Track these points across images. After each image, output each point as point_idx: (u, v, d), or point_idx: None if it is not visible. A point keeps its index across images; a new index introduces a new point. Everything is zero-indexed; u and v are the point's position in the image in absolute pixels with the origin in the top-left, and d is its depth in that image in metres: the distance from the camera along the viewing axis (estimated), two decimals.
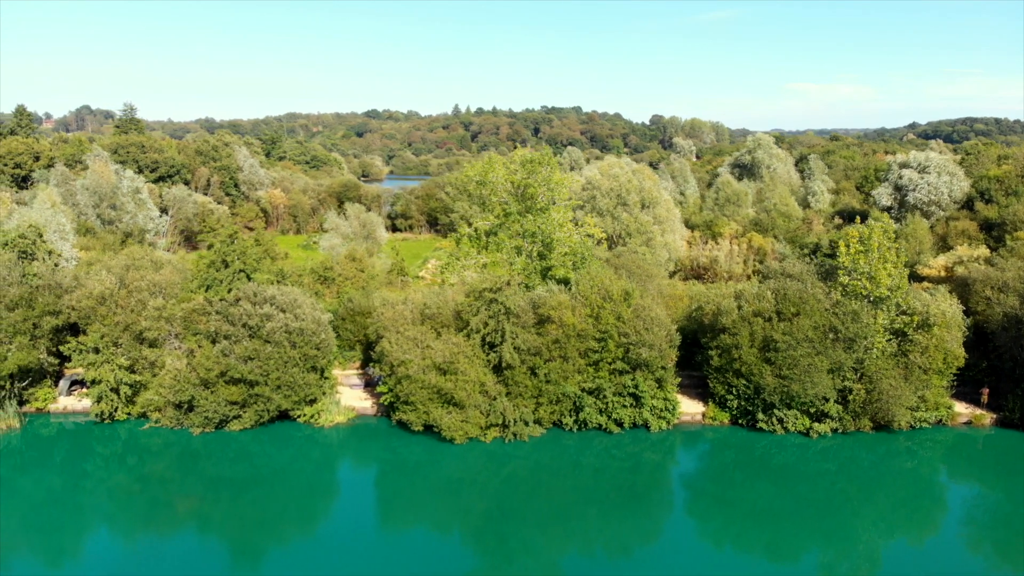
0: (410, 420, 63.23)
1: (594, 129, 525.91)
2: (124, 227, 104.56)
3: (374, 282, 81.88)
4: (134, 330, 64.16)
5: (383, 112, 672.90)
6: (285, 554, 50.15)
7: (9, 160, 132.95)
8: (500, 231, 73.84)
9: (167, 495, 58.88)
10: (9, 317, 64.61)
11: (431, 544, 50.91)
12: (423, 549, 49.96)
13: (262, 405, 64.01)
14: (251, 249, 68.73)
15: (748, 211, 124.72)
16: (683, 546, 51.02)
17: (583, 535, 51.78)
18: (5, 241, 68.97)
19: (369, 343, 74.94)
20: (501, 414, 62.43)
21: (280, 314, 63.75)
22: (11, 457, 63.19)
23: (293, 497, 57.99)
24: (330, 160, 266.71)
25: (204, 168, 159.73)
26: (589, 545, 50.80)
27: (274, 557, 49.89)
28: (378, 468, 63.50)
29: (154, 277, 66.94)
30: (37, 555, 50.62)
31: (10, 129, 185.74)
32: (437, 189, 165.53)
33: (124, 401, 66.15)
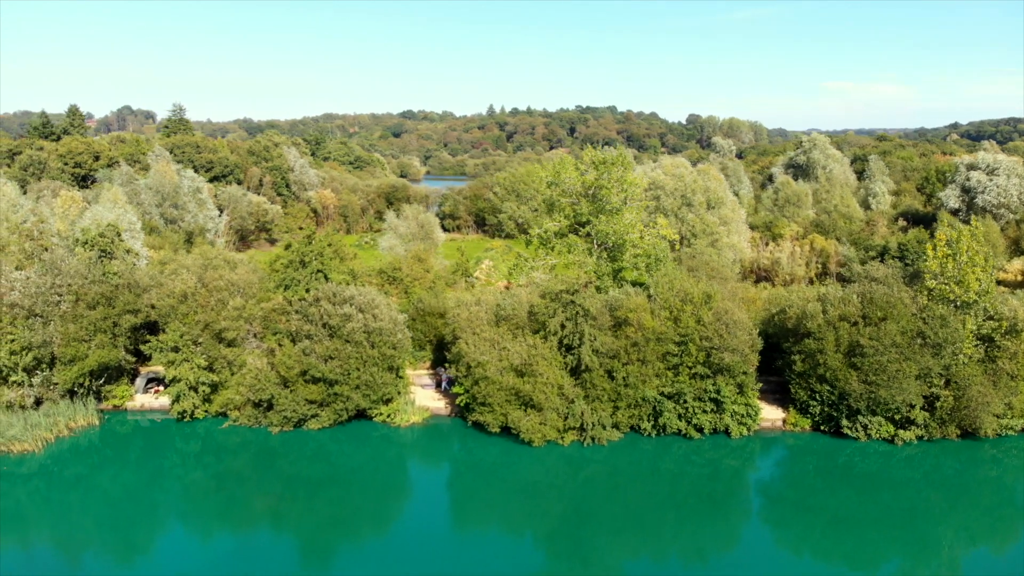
0: (487, 422, 62.86)
1: (630, 128, 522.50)
2: (186, 226, 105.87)
3: (440, 283, 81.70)
4: (214, 329, 64.60)
5: (418, 113, 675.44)
6: (359, 553, 50.26)
7: (70, 159, 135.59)
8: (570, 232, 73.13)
9: (244, 493, 59.25)
10: (90, 315, 65.45)
11: (504, 546, 50.71)
12: (496, 551, 49.76)
13: (341, 404, 64.12)
14: (328, 250, 68.82)
15: (808, 212, 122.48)
16: (760, 553, 50.16)
17: (659, 540, 51.24)
18: (85, 240, 69.90)
19: (439, 343, 74.83)
20: (579, 417, 61.72)
21: (359, 314, 63.81)
22: (90, 454, 64.07)
23: (369, 496, 58.03)
24: (373, 161, 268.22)
25: (256, 168, 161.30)
26: (664, 551, 50.18)
27: (347, 556, 49.99)
28: (454, 469, 63.27)
29: (232, 276, 67.36)
30: (111, 552, 51.28)
31: (63, 129, 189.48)
32: (485, 189, 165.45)
33: (202, 399, 66.69)
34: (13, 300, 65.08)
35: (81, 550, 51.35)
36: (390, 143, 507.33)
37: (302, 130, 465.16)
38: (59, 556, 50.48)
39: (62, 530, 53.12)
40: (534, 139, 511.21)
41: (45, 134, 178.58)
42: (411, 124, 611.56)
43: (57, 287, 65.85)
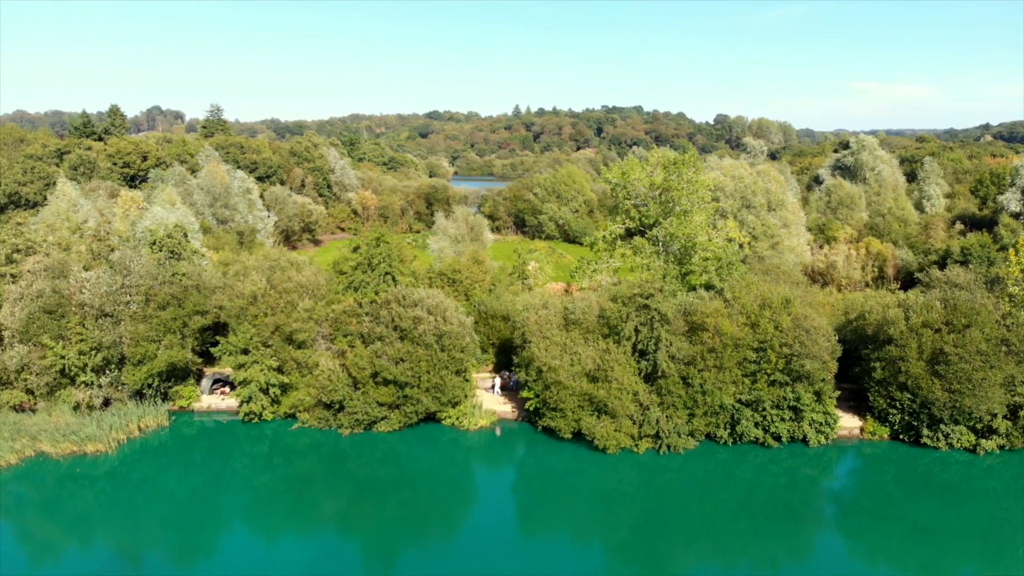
0: (559, 427, 62.03)
1: (659, 128, 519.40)
2: (236, 226, 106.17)
3: (501, 285, 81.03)
4: (285, 331, 64.37)
5: (444, 113, 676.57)
6: (425, 558, 49.67)
7: (119, 159, 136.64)
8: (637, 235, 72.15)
9: (311, 496, 58.91)
10: (160, 316, 65.53)
11: (573, 553, 49.94)
12: (565, 558, 49.01)
13: (411, 407, 63.66)
14: (395, 252, 68.39)
15: (862, 215, 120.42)
16: (835, 563, 48.91)
17: (731, 550, 50.19)
18: (153, 240, 69.99)
19: (502, 346, 74.15)
20: (655, 425, 60.68)
21: (429, 317, 63.28)
22: (157, 455, 64.08)
23: (437, 500, 57.46)
24: (406, 161, 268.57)
25: (298, 169, 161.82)
26: (736, 560, 49.07)
27: (414, 560, 49.45)
28: (522, 474, 62.50)
29: (300, 278, 67.13)
30: (174, 554, 51.11)
31: (104, 128, 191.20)
32: (525, 190, 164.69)
33: (270, 401, 66.50)
34: (83, 300, 65.31)
35: (144, 552, 51.29)
36: (417, 143, 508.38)
37: (330, 130, 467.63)
38: (121, 558, 50.48)
39: (127, 532, 53.12)
40: (561, 139, 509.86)
41: (86, 134, 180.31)
42: (437, 124, 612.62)
43: (127, 287, 65.98)
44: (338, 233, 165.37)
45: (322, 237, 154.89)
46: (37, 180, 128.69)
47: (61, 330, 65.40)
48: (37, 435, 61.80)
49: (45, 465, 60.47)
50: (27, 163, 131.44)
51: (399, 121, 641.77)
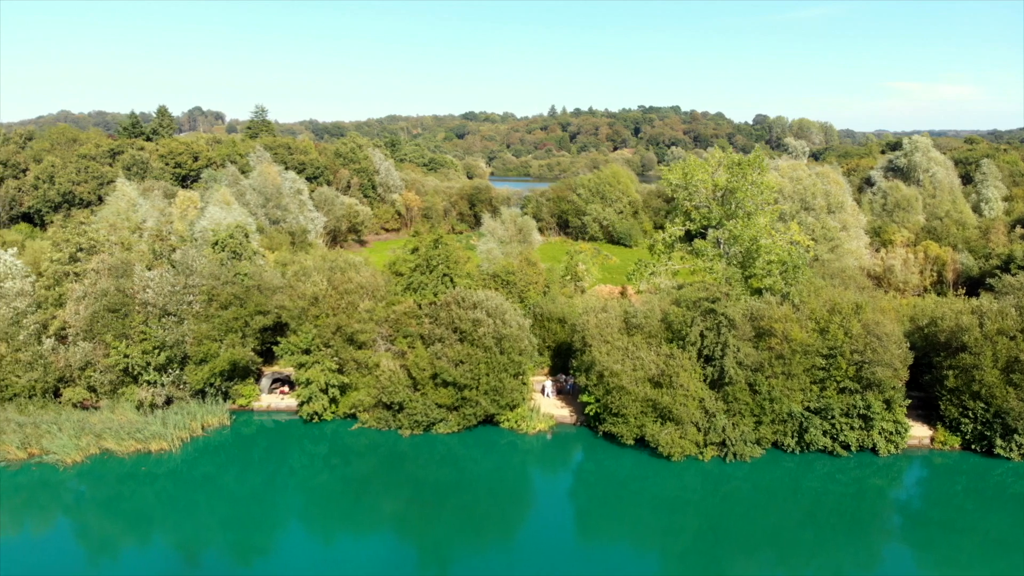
0: (620, 433, 61.14)
1: (697, 128, 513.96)
2: (288, 227, 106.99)
3: (555, 287, 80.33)
4: (346, 332, 64.42)
5: (479, 114, 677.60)
6: (482, 562, 49.26)
7: (170, 159, 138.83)
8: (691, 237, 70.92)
9: (369, 497, 58.84)
10: (223, 315, 66.01)
11: (633, 560, 49.18)
12: (624, 565, 48.25)
13: (470, 409, 63.34)
14: (454, 253, 68.12)
15: (918, 218, 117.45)
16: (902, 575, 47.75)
17: (796, 560, 49.04)
18: (215, 240, 70.57)
19: (558, 349, 73.46)
20: (721, 432, 59.49)
21: (488, 319, 62.86)
22: (217, 454, 64.52)
23: (495, 504, 57.00)
24: (446, 163, 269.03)
25: (344, 170, 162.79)
26: (800, 571, 47.85)
27: (471, 564, 49.07)
28: (582, 480, 61.70)
29: (360, 279, 67.16)
30: (231, 553, 51.38)
31: (152, 129, 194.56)
32: (569, 191, 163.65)
33: (330, 401, 66.62)
34: (146, 299, 66.07)
35: (202, 551, 51.60)
36: (454, 144, 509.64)
37: (367, 131, 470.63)
38: (179, 557, 50.82)
39: (186, 531, 53.50)
40: (598, 139, 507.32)
41: (135, 134, 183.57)
42: (473, 125, 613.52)
43: (190, 287, 66.60)
44: (382, 234, 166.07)
45: (367, 238, 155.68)
46: (91, 180, 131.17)
47: (124, 329, 66.28)
48: (102, 433, 62.60)
49: (109, 463, 61.25)
50: (81, 163, 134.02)
51: (435, 122, 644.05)
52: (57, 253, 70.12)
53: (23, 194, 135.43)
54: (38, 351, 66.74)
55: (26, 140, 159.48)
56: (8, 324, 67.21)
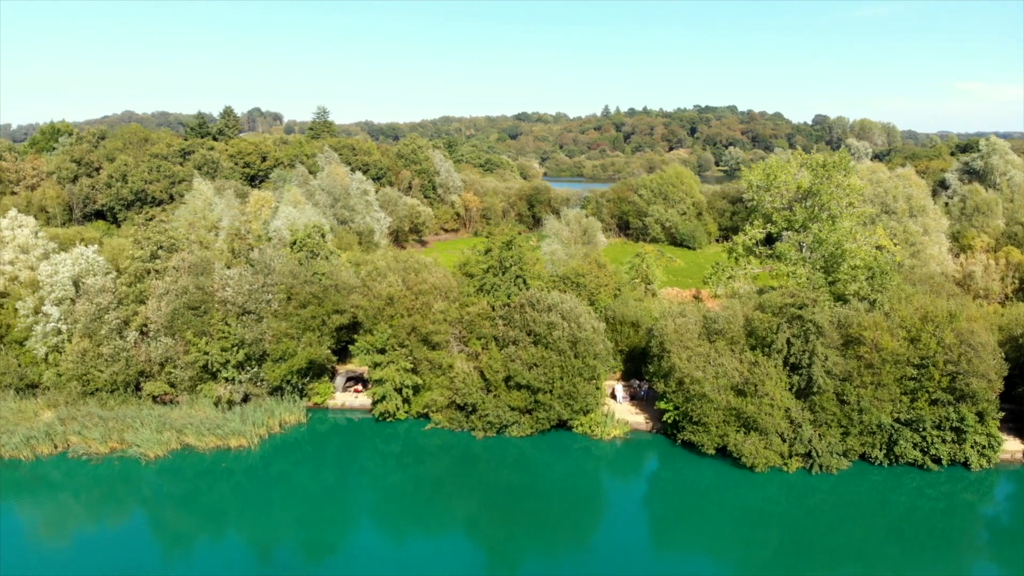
0: (701, 442, 59.64)
1: (755, 129, 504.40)
2: (356, 227, 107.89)
3: (626, 290, 79.03)
4: (420, 332, 64.32)
5: (532, 114, 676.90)
6: (553, 567, 48.51)
7: (239, 159, 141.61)
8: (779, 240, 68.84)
9: (441, 497, 58.55)
10: (301, 314, 66.53)
11: (709, 571, 48.12)
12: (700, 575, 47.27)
13: (543, 413, 62.59)
14: (527, 255, 67.46)
15: (998, 223, 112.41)
16: None
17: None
18: (294, 240, 71.24)
19: (631, 353, 72.19)
20: (807, 443, 57.53)
21: (563, 322, 62.01)
22: (293, 451, 65.02)
23: (567, 509, 56.09)
24: (503, 163, 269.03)
25: (406, 171, 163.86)
26: None
27: (541, 569, 48.37)
28: (659, 488, 60.37)
29: (434, 280, 67.01)
30: (302, 550, 51.61)
31: (218, 129, 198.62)
32: (630, 192, 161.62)
33: (403, 400, 66.62)
34: (226, 297, 66.96)
35: (274, 547, 51.98)
36: (507, 145, 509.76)
37: (421, 132, 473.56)
38: (252, 553, 51.33)
39: (259, 527, 54.04)
40: (653, 139, 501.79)
41: (202, 134, 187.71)
42: (525, 126, 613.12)
43: (268, 286, 67.31)
44: (441, 234, 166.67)
45: (427, 238, 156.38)
46: (163, 179, 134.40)
47: (204, 326, 67.32)
48: (182, 428, 63.68)
49: (190, 458, 62.24)
50: (153, 162, 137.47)
51: (488, 123, 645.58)
52: (138, 251, 71.63)
53: (96, 192, 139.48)
54: (120, 346, 68.24)
55: (99, 139, 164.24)
56: (91, 319, 68.84)
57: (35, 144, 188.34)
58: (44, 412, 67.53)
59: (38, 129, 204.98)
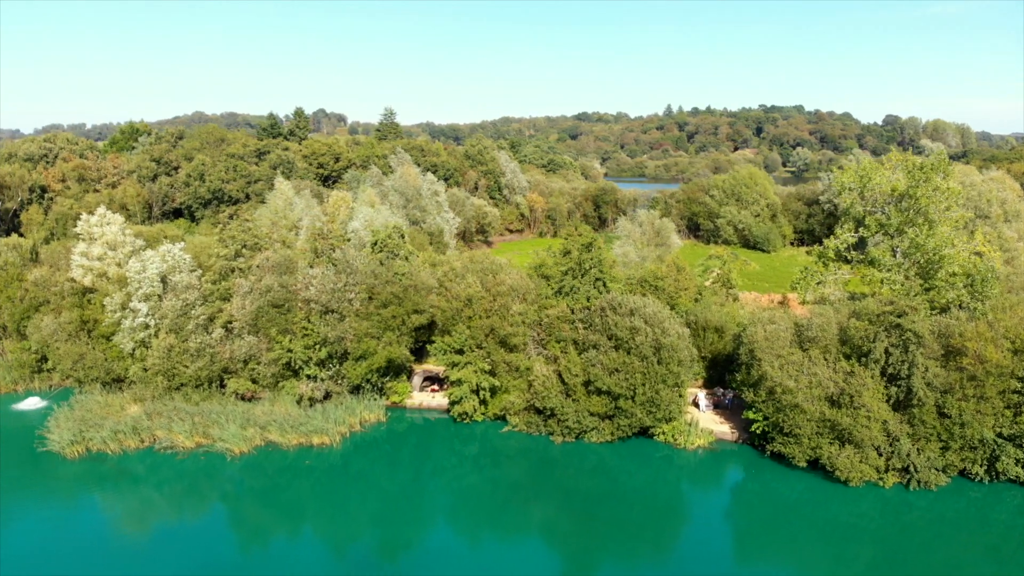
0: (792, 454, 57.54)
1: (824, 129, 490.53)
2: (427, 227, 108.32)
3: (708, 293, 77.04)
4: (499, 334, 63.82)
5: (592, 114, 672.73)
6: (629, 575, 47.23)
7: (313, 160, 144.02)
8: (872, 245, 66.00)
9: (518, 501, 57.83)
10: (382, 313, 66.73)
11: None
12: None
13: (625, 420, 61.31)
14: (607, 256, 66.24)
15: None
16: None
17: None
18: (375, 241, 71.58)
19: (714, 360, 70.31)
20: (905, 457, 54.94)
21: (647, 327, 60.61)
22: (371, 449, 65.26)
23: (648, 518, 54.72)
24: (566, 163, 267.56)
25: (472, 171, 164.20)
26: None
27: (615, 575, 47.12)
28: (743, 500, 58.41)
29: (511, 281, 66.41)
30: (377, 548, 51.63)
31: (289, 130, 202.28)
32: (701, 192, 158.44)
33: (480, 402, 66.22)
34: (309, 296, 67.62)
35: (349, 545, 52.16)
36: (567, 145, 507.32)
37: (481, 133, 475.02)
38: (326, 549, 51.50)
39: (336, 524, 54.35)
40: (717, 139, 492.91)
41: (274, 135, 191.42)
42: (586, 126, 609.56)
43: (351, 285, 67.73)
44: (506, 235, 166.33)
45: (492, 239, 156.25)
46: (239, 178, 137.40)
47: (287, 324, 68.15)
48: (266, 425, 64.53)
49: (273, 455, 63.04)
50: (229, 162, 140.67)
51: (548, 123, 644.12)
52: (223, 249, 72.92)
53: (175, 190, 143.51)
54: (205, 342, 69.59)
55: (177, 139, 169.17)
56: (178, 315, 70.39)
57: (115, 143, 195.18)
58: (130, 406, 69.38)
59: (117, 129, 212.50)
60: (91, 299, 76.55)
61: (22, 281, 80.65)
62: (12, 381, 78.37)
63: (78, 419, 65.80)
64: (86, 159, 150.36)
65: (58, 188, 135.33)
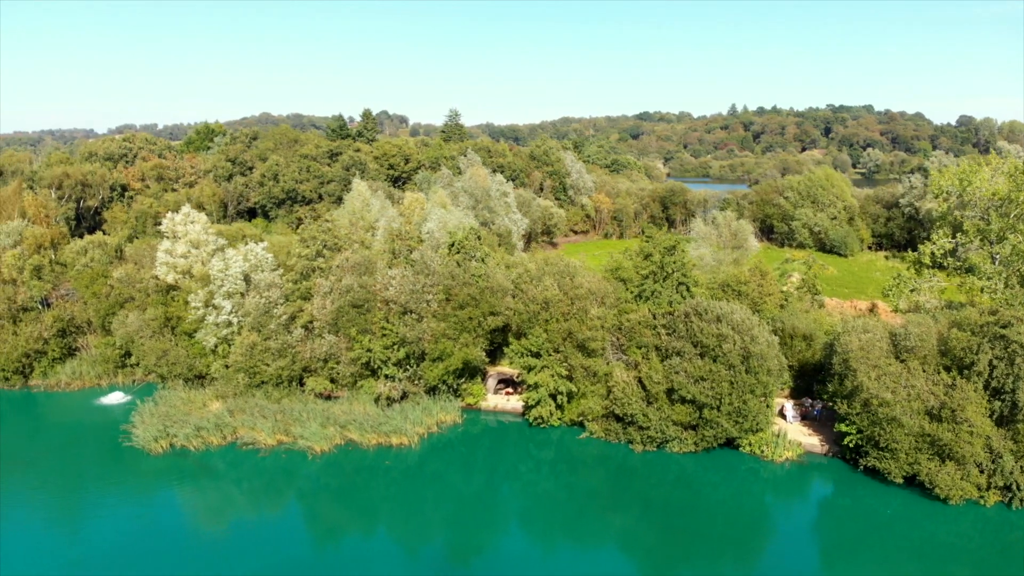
0: (887, 469, 55.03)
1: (895, 129, 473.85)
2: (496, 228, 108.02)
3: (794, 299, 74.53)
4: (577, 338, 62.83)
5: (654, 114, 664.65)
6: None
7: (384, 161, 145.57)
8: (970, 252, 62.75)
9: (595, 509, 56.67)
10: (459, 315, 66.50)
11: None
12: None
13: (710, 430, 59.55)
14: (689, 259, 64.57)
15: None
16: None
17: None
18: (452, 242, 71.46)
19: (801, 369, 67.90)
20: (1008, 475, 51.94)
21: (735, 334, 58.77)
22: (447, 451, 65.01)
23: (732, 532, 52.88)
24: (630, 163, 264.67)
25: (537, 172, 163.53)
26: None
27: None
28: (833, 516, 56.02)
29: (590, 284, 65.34)
30: (449, 551, 51.27)
31: (357, 131, 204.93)
32: (775, 194, 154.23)
33: (556, 407, 65.36)
34: (388, 296, 67.83)
35: (422, 546, 51.93)
36: (628, 145, 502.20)
37: (541, 134, 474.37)
38: (399, 550, 51.35)
39: (410, 525, 54.19)
40: (784, 139, 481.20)
41: (342, 136, 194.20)
42: (648, 125, 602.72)
43: (429, 286, 67.70)
44: (571, 236, 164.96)
45: (557, 240, 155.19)
46: (312, 179, 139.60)
47: (366, 324, 68.50)
48: (346, 424, 64.94)
49: (353, 454, 63.40)
50: (303, 162, 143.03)
51: (608, 123, 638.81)
52: (305, 249, 73.76)
53: (249, 190, 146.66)
54: (286, 341, 70.45)
55: (251, 140, 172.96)
56: (260, 314, 71.43)
57: (191, 143, 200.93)
58: (212, 403, 70.68)
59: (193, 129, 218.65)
60: (174, 296, 78.32)
61: (107, 278, 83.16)
62: (96, 375, 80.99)
63: (162, 415, 67.32)
64: (164, 159, 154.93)
65: (138, 187, 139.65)
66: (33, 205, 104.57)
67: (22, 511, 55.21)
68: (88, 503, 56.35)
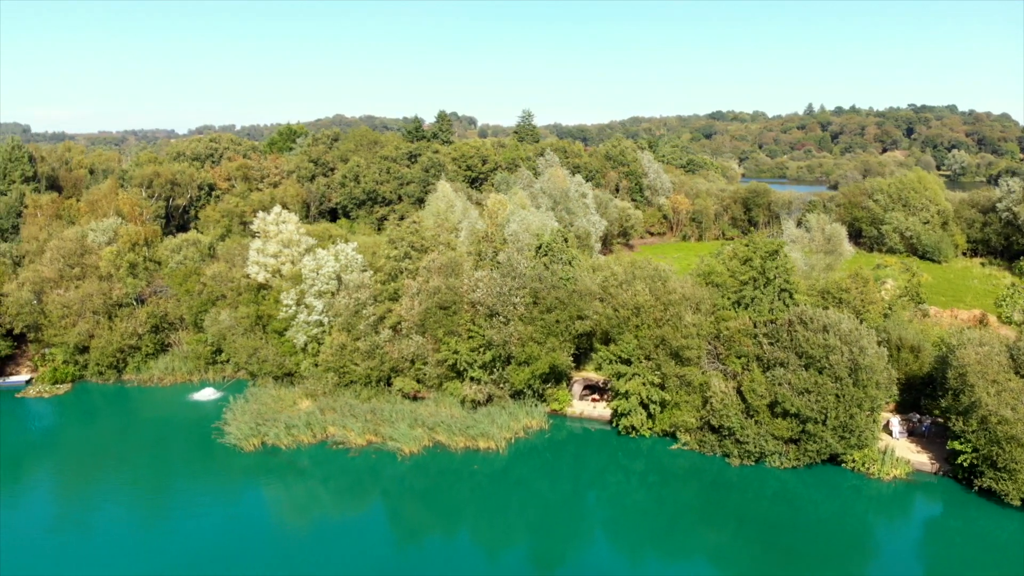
0: (1004, 491, 51.75)
1: (982, 131, 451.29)
2: (575, 230, 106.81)
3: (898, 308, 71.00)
4: (670, 345, 61.05)
5: (727, 113, 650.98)
6: None
7: (462, 162, 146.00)
8: None
9: (687, 523, 54.91)
10: (546, 318, 65.57)
11: None
12: None
13: (813, 445, 57.03)
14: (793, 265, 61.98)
15: None
16: None
17: None
18: (539, 245, 70.59)
19: (908, 382, 64.51)
20: None
21: (843, 345, 56.08)
22: (533, 456, 64.09)
23: (834, 551, 50.53)
24: (706, 163, 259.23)
25: (613, 172, 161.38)
26: None
27: None
28: (946, 539, 52.85)
29: (684, 290, 63.44)
30: (530, 558, 50.44)
31: (432, 132, 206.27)
32: (863, 197, 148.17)
33: (647, 416, 63.71)
34: (475, 299, 67.38)
35: (503, 551, 51.32)
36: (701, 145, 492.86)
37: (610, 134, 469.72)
38: (479, 553, 50.94)
39: (493, 529, 53.76)
40: (864, 140, 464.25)
41: (417, 137, 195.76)
42: (721, 125, 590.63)
43: (516, 289, 66.97)
44: (647, 237, 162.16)
45: (633, 241, 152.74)
46: (392, 180, 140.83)
47: (453, 326, 68.21)
48: (434, 426, 64.82)
49: (441, 456, 63.20)
50: (383, 164, 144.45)
51: (680, 123, 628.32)
52: (393, 250, 74.00)
53: (331, 191, 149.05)
54: (375, 341, 70.77)
55: (332, 141, 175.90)
56: (350, 314, 71.96)
57: (274, 144, 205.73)
58: (302, 401, 71.49)
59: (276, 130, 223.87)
60: (265, 295, 79.61)
61: (200, 276, 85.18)
62: (188, 371, 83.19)
63: (253, 413, 68.45)
64: (249, 159, 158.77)
65: (224, 186, 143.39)
66: (127, 203, 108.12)
67: (118, 508, 56.65)
68: (182, 501, 57.44)
